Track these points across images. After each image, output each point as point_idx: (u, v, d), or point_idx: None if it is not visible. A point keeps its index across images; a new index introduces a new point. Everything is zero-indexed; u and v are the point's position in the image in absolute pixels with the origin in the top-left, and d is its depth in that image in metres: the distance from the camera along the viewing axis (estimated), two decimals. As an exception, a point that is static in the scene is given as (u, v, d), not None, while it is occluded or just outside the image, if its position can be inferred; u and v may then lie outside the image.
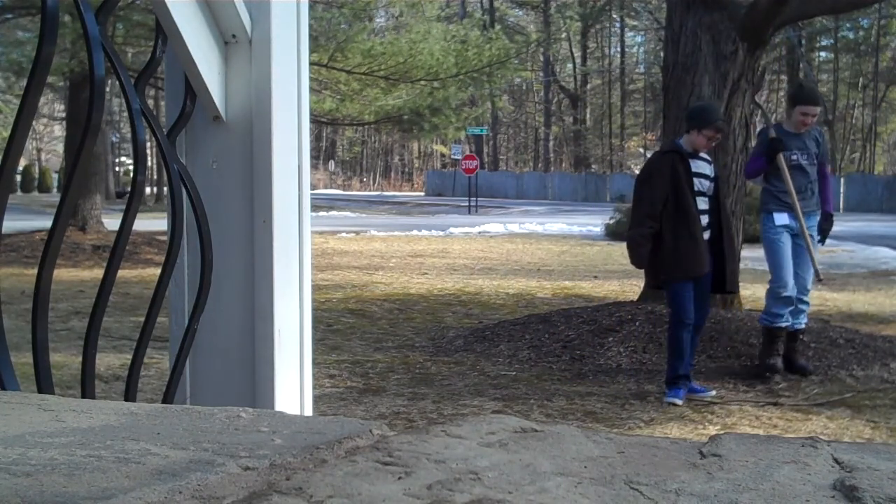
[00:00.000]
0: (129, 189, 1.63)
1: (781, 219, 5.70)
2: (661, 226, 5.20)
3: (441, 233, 20.33)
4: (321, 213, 27.33)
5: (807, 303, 5.93)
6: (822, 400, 5.34)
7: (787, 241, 5.68)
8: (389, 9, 20.84)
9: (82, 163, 1.56)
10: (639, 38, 54.83)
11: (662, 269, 5.30)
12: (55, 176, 49.36)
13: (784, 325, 5.76)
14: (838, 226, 7.51)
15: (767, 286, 5.85)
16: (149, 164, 5.22)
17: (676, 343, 5.33)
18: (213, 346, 1.77)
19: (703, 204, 5.30)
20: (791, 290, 5.65)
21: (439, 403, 5.19)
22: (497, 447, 1.06)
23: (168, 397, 1.67)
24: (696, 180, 5.27)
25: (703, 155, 5.38)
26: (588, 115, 54.01)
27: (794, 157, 5.74)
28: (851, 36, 43.36)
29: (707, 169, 5.39)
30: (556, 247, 16.81)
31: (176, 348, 1.71)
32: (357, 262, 13.86)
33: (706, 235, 5.29)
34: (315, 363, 2.08)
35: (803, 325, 5.95)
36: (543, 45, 43.73)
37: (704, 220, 5.29)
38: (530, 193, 44.64)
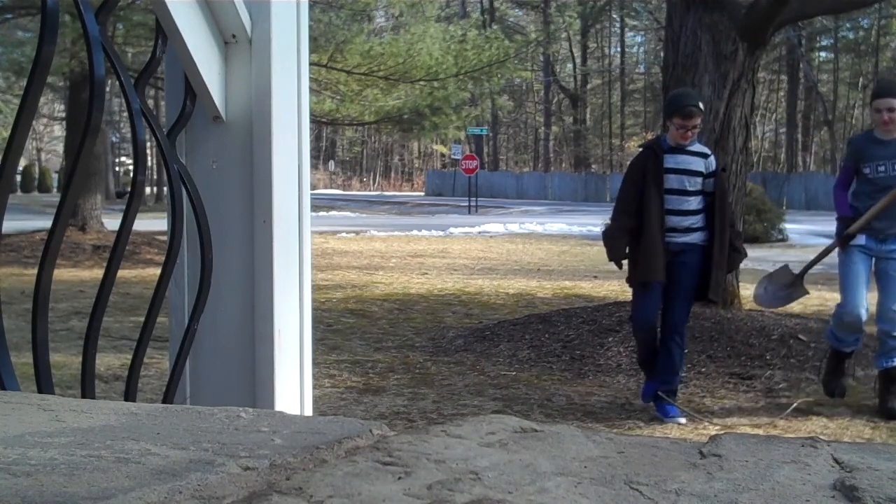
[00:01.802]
0: (129, 189, 1.63)
1: (857, 238, 5.04)
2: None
3: (441, 233, 20.33)
4: (321, 213, 27.33)
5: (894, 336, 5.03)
6: (823, 400, 5.33)
7: (859, 262, 5.01)
8: (389, 9, 20.84)
9: (82, 163, 1.56)
10: (639, 38, 54.83)
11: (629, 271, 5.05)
12: (55, 176, 49.33)
13: (850, 350, 5.25)
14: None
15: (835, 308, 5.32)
16: (149, 164, 5.23)
17: (637, 343, 5.13)
18: (213, 346, 1.77)
19: (683, 203, 4.83)
20: (858, 316, 5.03)
21: (439, 403, 5.19)
22: (497, 447, 1.06)
23: (168, 397, 1.67)
24: (670, 177, 4.82)
25: (692, 147, 4.89)
26: (588, 115, 54.00)
27: (882, 168, 4.94)
28: (851, 36, 43.36)
29: (696, 163, 4.87)
30: (556, 247, 16.81)
31: (176, 348, 1.71)
32: (357, 262, 13.86)
33: (692, 238, 4.85)
34: (315, 363, 2.08)
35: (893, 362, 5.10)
36: (543, 44, 43.71)
37: (689, 221, 4.84)
38: (530, 193, 44.61)
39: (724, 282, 5.00)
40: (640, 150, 5.20)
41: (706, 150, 4.99)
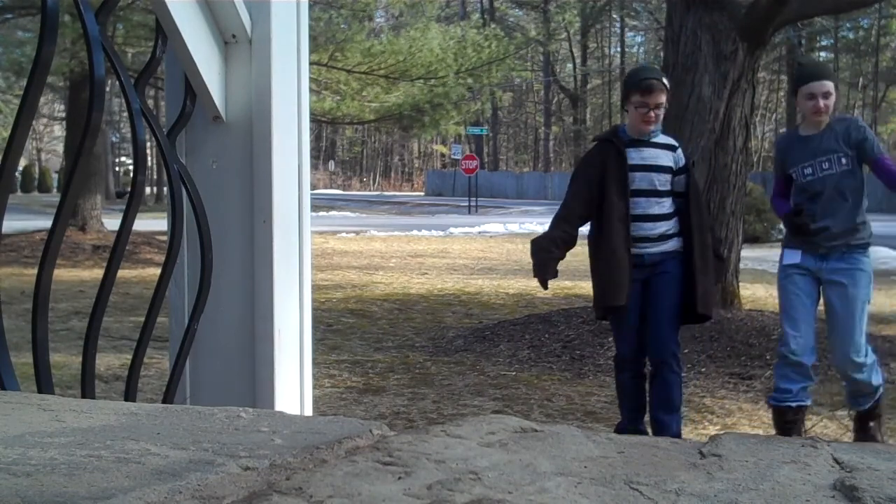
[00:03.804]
0: (129, 189, 1.63)
1: (792, 257, 4.10)
2: (590, 240, 4.08)
3: (441, 233, 20.33)
4: (321, 213, 27.33)
5: (862, 382, 4.02)
6: (823, 400, 5.33)
7: (802, 287, 4.06)
8: (389, 9, 20.86)
9: (82, 163, 1.56)
10: (639, 38, 54.87)
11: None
12: (55, 176, 49.36)
13: (794, 404, 4.09)
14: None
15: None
16: (149, 164, 5.22)
17: (616, 387, 4.26)
18: (213, 346, 1.77)
19: (654, 206, 3.97)
20: (801, 354, 4.04)
21: (439, 403, 5.18)
22: (497, 447, 1.06)
23: (168, 397, 1.67)
24: (637, 175, 3.95)
25: (657, 139, 4.03)
26: (588, 115, 53.99)
27: (809, 171, 4.02)
28: (851, 36, 43.39)
29: (664, 158, 4.00)
30: (556, 247, 16.81)
31: (176, 348, 1.71)
32: (357, 262, 13.86)
33: (669, 246, 4.00)
34: (315, 363, 2.08)
35: (865, 407, 4.13)
36: (543, 43, 43.75)
37: (663, 227, 3.98)
38: (530, 193, 44.63)
39: (714, 291, 4.07)
40: (595, 143, 4.26)
41: (673, 142, 4.11)
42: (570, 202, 4.06)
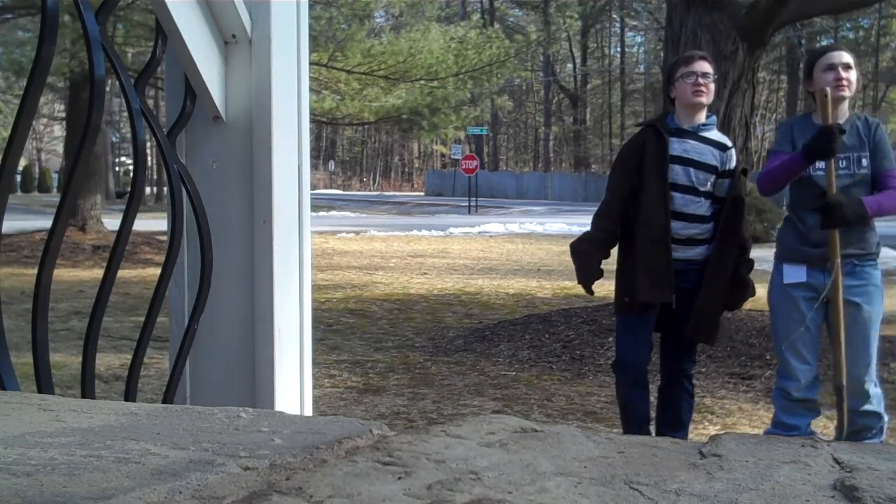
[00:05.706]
0: (129, 189, 1.63)
1: (795, 274, 3.54)
2: (622, 231, 3.73)
3: (441, 233, 20.33)
4: (321, 213, 27.34)
5: (872, 414, 3.65)
6: (822, 400, 5.33)
7: (801, 311, 3.54)
8: (389, 9, 20.86)
9: (82, 163, 1.56)
10: (639, 38, 54.88)
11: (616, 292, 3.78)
12: (55, 176, 49.36)
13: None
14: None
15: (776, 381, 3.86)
16: (149, 164, 5.23)
17: (618, 399, 3.88)
18: (213, 346, 1.77)
19: (690, 205, 3.62)
20: (809, 388, 3.65)
21: (439, 403, 5.18)
22: (497, 447, 1.06)
23: (168, 397, 1.67)
24: (675, 168, 3.61)
25: (707, 133, 3.70)
26: (588, 115, 54.01)
27: (821, 165, 3.45)
28: (851, 36, 43.36)
29: (710, 155, 3.66)
30: (556, 247, 16.81)
31: (176, 348, 1.71)
32: (357, 262, 13.86)
33: (696, 253, 3.65)
34: (315, 363, 2.08)
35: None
36: (543, 44, 43.76)
37: (694, 229, 3.64)
38: (530, 193, 44.65)
39: (717, 315, 3.72)
40: (639, 128, 3.88)
41: (726, 141, 3.77)
42: (614, 191, 3.72)
